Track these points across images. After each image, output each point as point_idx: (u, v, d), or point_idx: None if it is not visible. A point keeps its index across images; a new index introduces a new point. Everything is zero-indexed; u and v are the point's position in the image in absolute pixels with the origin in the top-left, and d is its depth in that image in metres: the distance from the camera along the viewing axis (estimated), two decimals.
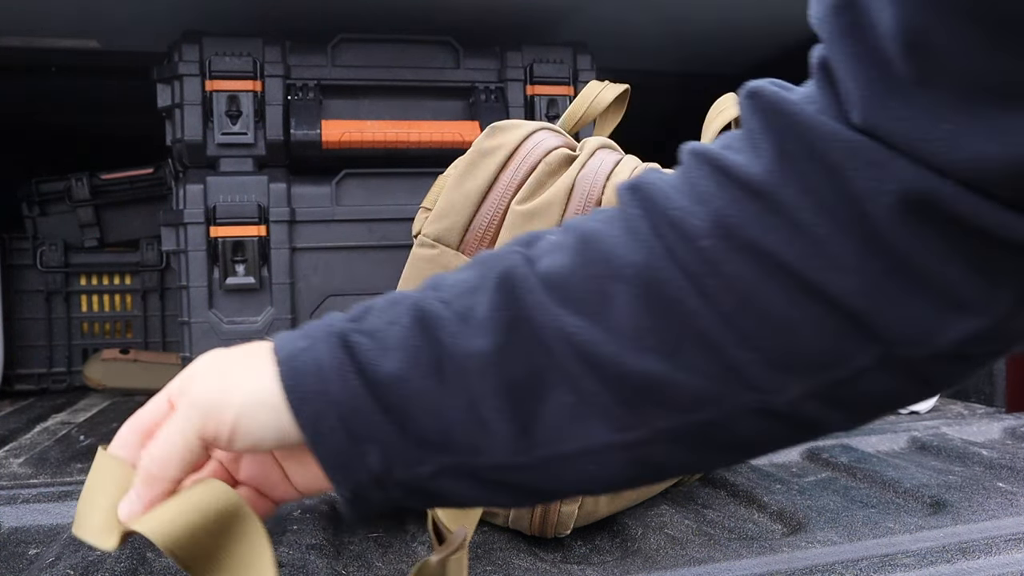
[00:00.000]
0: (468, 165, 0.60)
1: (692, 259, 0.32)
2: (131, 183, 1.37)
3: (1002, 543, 0.59)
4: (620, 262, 0.33)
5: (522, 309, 0.33)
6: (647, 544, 0.61)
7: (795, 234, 0.30)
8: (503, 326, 0.33)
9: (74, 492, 0.73)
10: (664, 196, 0.33)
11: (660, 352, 0.32)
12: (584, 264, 0.33)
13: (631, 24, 1.21)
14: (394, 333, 0.34)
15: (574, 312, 0.33)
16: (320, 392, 0.34)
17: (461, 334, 0.34)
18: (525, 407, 0.33)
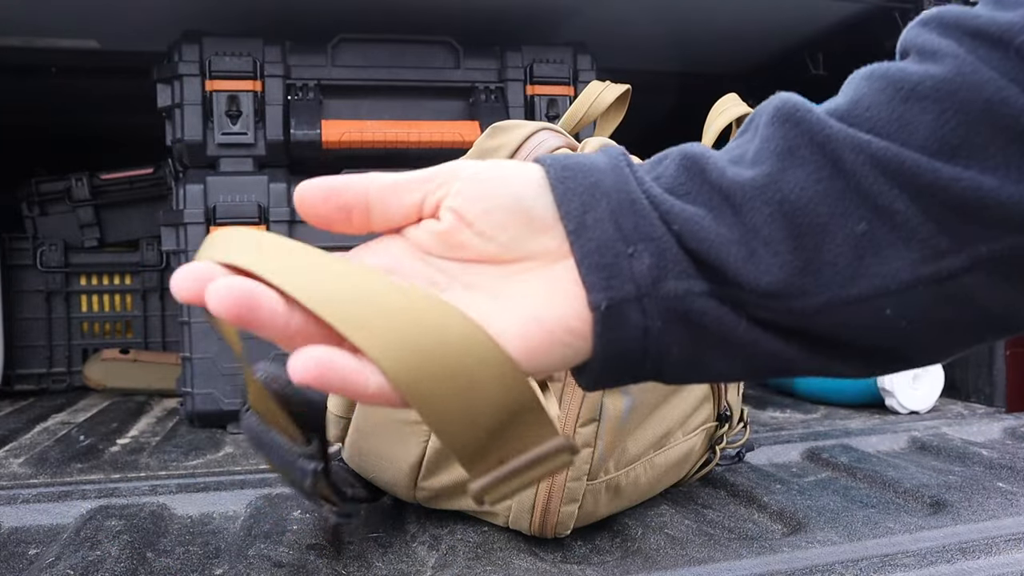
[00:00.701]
0: None
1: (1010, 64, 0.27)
2: (131, 183, 1.37)
3: (1002, 543, 0.59)
4: (915, 78, 0.29)
5: (802, 133, 0.29)
6: (647, 544, 0.61)
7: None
8: (780, 152, 0.30)
9: (74, 492, 0.73)
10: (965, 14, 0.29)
11: (984, 166, 0.28)
12: (871, 92, 0.29)
13: (631, 24, 1.21)
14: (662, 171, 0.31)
15: (869, 133, 0.29)
16: (592, 185, 0.30)
17: (730, 169, 0.30)
18: (807, 239, 0.29)
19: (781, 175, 0.29)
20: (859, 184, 0.29)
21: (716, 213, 0.30)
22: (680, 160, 0.31)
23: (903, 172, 0.28)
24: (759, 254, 0.29)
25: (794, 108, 0.30)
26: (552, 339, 0.30)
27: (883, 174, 0.28)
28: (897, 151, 0.28)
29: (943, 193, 0.28)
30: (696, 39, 1.30)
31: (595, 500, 0.62)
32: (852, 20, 1.19)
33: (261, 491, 0.74)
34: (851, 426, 0.99)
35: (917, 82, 0.28)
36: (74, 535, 0.63)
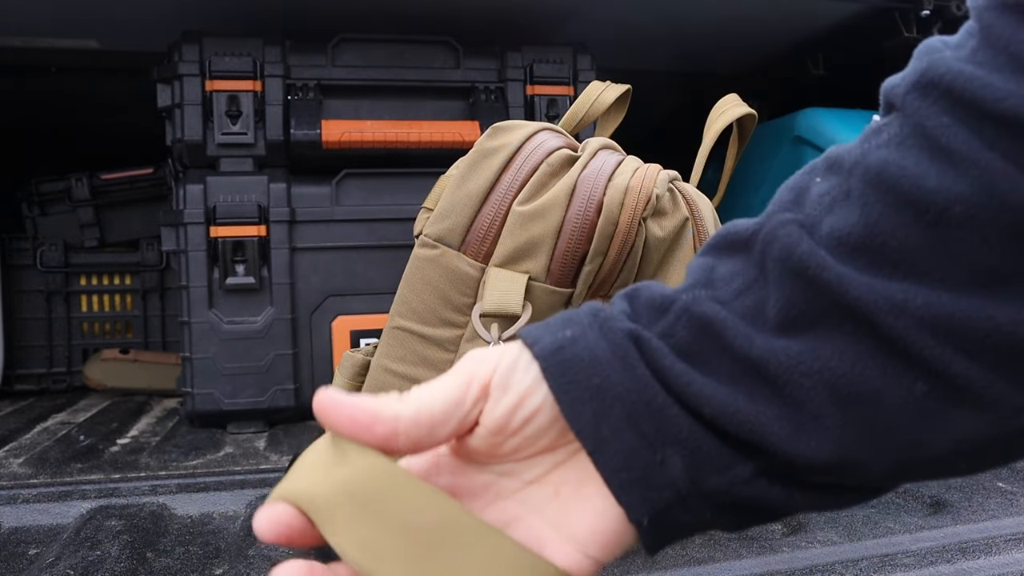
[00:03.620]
0: (470, 165, 0.60)
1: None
2: (131, 183, 1.37)
3: (1002, 543, 0.59)
4: (939, 199, 0.24)
5: (822, 294, 0.25)
6: None
7: None
8: (807, 320, 0.26)
9: (74, 492, 0.73)
10: (982, 85, 0.24)
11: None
12: (887, 214, 0.25)
13: (631, 24, 1.21)
14: (674, 344, 0.27)
15: (893, 276, 0.25)
16: (598, 388, 0.27)
17: (755, 336, 0.26)
18: (858, 412, 0.25)
19: (816, 344, 0.26)
20: (907, 349, 0.24)
21: (748, 389, 0.26)
22: (689, 319, 0.27)
23: (954, 329, 0.24)
24: (807, 428, 0.26)
25: (804, 259, 0.26)
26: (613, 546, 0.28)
27: (932, 336, 0.24)
28: (941, 305, 0.24)
29: (1006, 342, 0.23)
30: (696, 39, 1.30)
31: None
32: (852, 20, 1.19)
33: (261, 491, 0.74)
34: None
35: (944, 205, 0.24)
36: (74, 535, 0.63)
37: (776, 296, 0.26)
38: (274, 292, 1.01)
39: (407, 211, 1.01)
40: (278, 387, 1.01)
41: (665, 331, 0.28)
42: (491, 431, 0.28)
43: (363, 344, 1.04)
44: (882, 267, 0.25)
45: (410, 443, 0.27)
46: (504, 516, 0.29)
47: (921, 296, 0.24)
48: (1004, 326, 0.23)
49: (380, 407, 0.27)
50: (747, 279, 0.28)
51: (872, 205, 0.25)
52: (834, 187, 0.27)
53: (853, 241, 0.25)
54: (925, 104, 0.25)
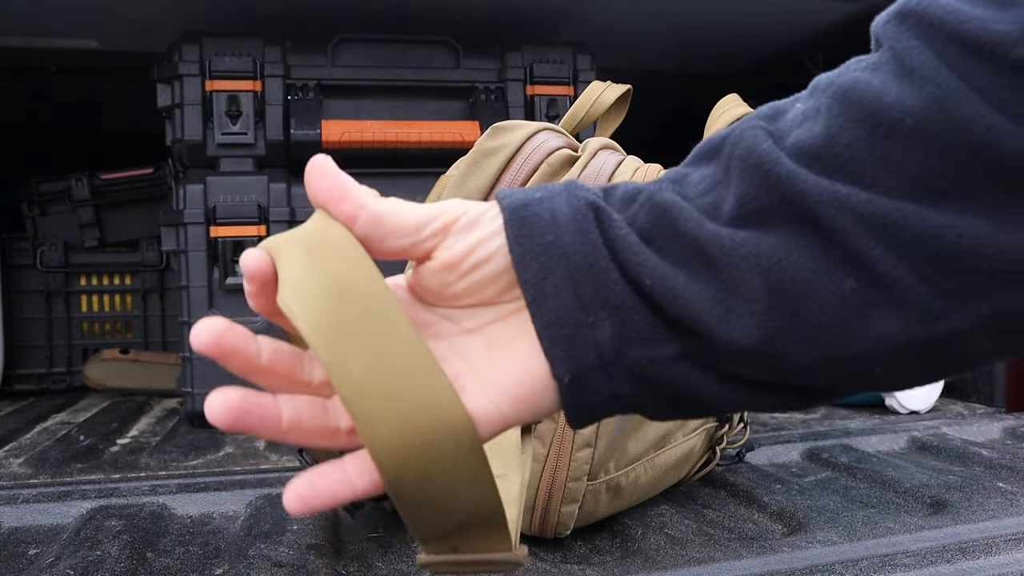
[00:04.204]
0: (470, 165, 0.60)
1: (999, 83, 0.24)
2: (131, 183, 1.37)
3: (1002, 543, 0.59)
4: (896, 112, 0.25)
5: (774, 188, 0.27)
6: (647, 544, 0.61)
7: None
8: (756, 210, 0.27)
9: (74, 492, 0.73)
10: (951, 11, 0.25)
11: (975, 210, 0.25)
12: (847, 126, 0.26)
13: (631, 24, 1.21)
14: (634, 213, 0.29)
15: (844, 181, 0.26)
16: (549, 245, 0.28)
17: (704, 223, 0.28)
18: (787, 298, 0.27)
19: (760, 234, 0.27)
20: (843, 243, 0.26)
21: (690, 269, 0.28)
22: (651, 206, 0.29)
23: (888, 226, 0.25)
24: (736, 311, 0.27)
25: (762, 156, 0.27)
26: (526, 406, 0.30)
27: (867, 231, 0.26)
28: (880, 203, 0.25)
29: (934, 245, 0.25)
30: (696, 39, 1.30)
31: (595, 500, 0.62)
32: (852, 20, 1.19)
33: (261, 491, 0.74)
34: (851, 426, 0.99)
35: (897, 118, 0.25)
36: (74, 535, 0.63)
37: (734, 191, 0.28)
38: None
39: None
40: None
41: (629, 216, 0.29)
42: (444, 265, 0.30)
43: None
44: (833, 173, 0.26)
45: (362, 236, 0.29)
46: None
47: (865, 197, 0.26)
48: (935, 228, 0.25)
49: (356, 191, 0.29)
50: (713, 181, 0.29)
51: (835, 118, 0.27)
52: (807, 107, 0.28)
53: (812, 150, 0.27)
54: (900, 30, 0.26)
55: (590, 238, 0.28)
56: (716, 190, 0.29)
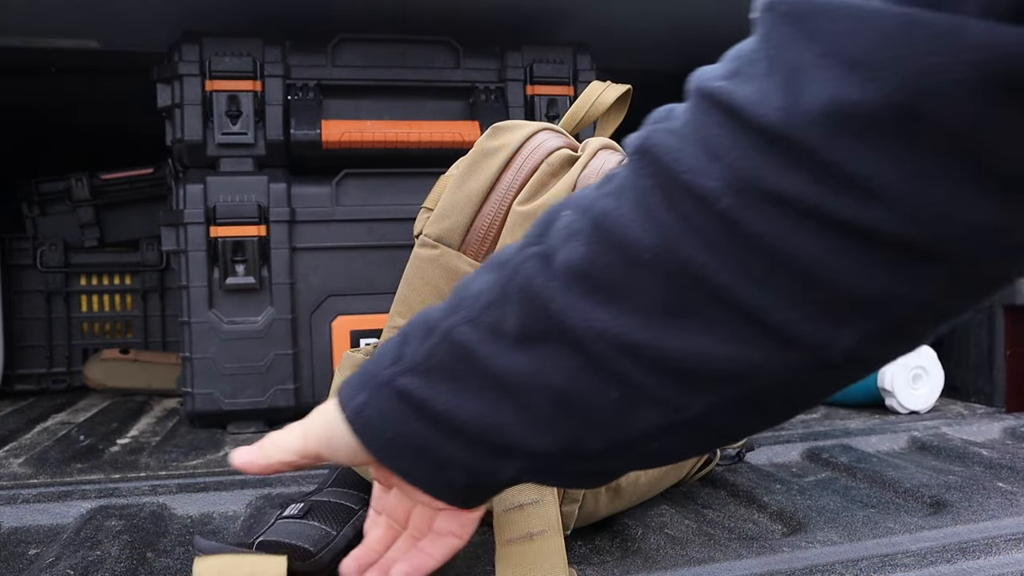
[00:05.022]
0: (470, 165, 0.60)
1: (712, 227, 0.29)
2: (131, 183, 1.37)
3: (1002, 543, 0.59)
4: (638, 247, 0.31)
5: (551, 319, 0.33)
6: (647, 544, 0.61)
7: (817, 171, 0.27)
8: (536, 340, 0.34)
9: (74, 492, 0.73)
10: (674, 159, 0.30)
11: (697, 330, 0.30)
12: (602, 252, 0.32)
13: (631, 24, 1.21)
14: (436, 365, 0.37)
15: (602, 303, 0.32)
16: (392, 438, 0.38)
17: (497, 355, 0.35)
18: (574, 413, 0.34)
19: (542, 360, 0.34)
20: (605, 365, 0.33)
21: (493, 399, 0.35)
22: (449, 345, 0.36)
23: (637, 350, 0.32)
24: (540, 428, 0.35)
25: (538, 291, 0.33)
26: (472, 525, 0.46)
27: (622, 354, 0.32)
28: (626, 331, 0.32)
29: (671, 362, 0.31)
30: (696, 39, 1.30)
31: (595, 500, 0.62)
32: None
33: (261, 491, 0.74)
34: (851, 426, 0.99)
35: (639, 252, 0.31)
36: (74, 535, 0.63)
37: (515, 315, 0.34)
38: (274, 292, 1.01)
39: (407, 211, 1.01)
40: (278, 387, 1.01)
41: (430, 351, 0.37)
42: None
43: (363, 344, 1.03)
44: (597, 293, 0.32)
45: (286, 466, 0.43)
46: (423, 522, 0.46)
47: (618, 325, 0.32)
48: (668, 348, 0.31)
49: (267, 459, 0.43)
50: (492, 297, 0.35)
51: (594, 243, 0.32)
52: (572, 222, 0.34)
53: (578, 272, 0.32)
54: (640, 166, 0.32)
55: (413, 427, 0.37)
56: (497, 308, 0.35)
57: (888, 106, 0.25)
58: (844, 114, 0.26)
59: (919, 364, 1.06)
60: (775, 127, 0.27)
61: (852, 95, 0.26)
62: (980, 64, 0.24)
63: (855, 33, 0.26)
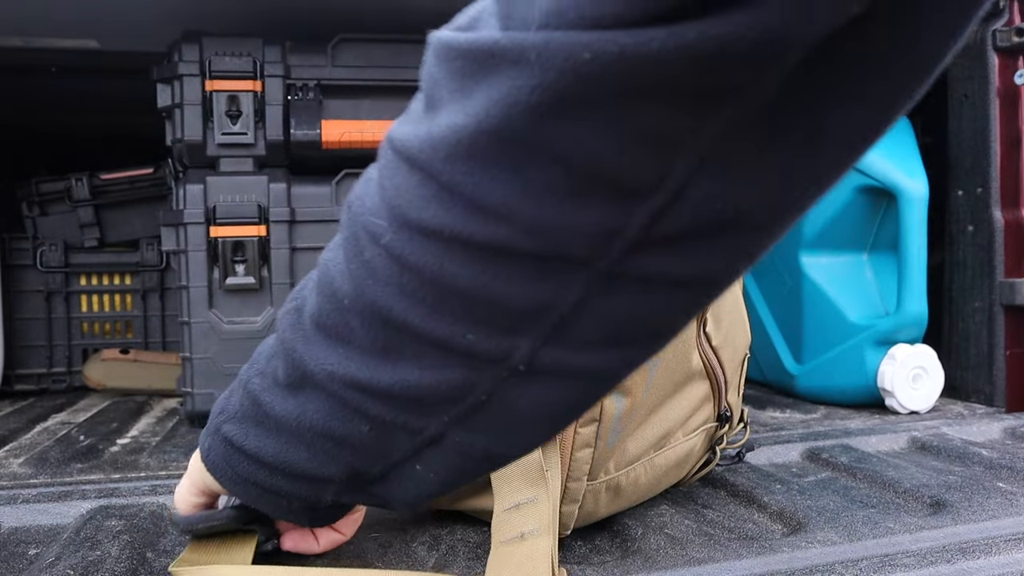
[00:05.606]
0: None
1: (384, 265, 0.32)
2: (131, 183, 1.37)
3: (1002, 543, 0.59)
4: (341, 294, 0.35)
5: (297, 367, 0.38)
6: (647, 544, 0.61)
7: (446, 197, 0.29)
8: (294, 386, 0.39)
9: (74, 492, 0.73)
10: (360, 203, 0.34)
11: (406, 364, 0.34)
12: (324, 301, 0.36)
13: None
14: (243, 413, 0.43)
15: (333, 347, 0.36)
16: (231, 476, 0.46)
17: (275, 402, 0.40)
18: (344, 447, 0.39)
19: (305, 403, 0.39)
20: (345, 402, 0.37)
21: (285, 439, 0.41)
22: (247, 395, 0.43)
23: (363, 386, 0.35)
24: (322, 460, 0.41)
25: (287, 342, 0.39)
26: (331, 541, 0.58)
27: (353, 390, 0.36)
28: (352, 370, 0.35)
29: (393, 392, 0.35)
30: None
31: (595, 500, 0.62)
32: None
33: None
34: (851, 426, 0.99)
35: (342, 298, 0.35)
36: (74, 535, 0.63)
37: (281, 367, 0.40)
38: (274, 292, 1.01)
39: None
40: None
41: (240, 402, 0.44)
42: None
43: None
44: (330, 339, 0.36)
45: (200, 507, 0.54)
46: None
47: (344, 367, 0.36)
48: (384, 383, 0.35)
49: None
50: (272, 351, 0.42)
51: (320, 294, 0.37)
52: (313, 275, 0.39)
53: (315, 320, 0.37)
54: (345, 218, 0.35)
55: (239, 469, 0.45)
56: (274, 360, 0.41)
57: (485, 130, 0.27)
58: (458, 139, 0.28)
59: (919, 364, 1.06)
60: (417, 156, 0.30)
61: (459, 120, 0.28)
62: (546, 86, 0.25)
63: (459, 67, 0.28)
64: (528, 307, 0.30)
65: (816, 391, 1.16)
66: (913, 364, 1.06)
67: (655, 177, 0.27)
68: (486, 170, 0.28)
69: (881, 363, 1.08)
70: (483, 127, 0.27)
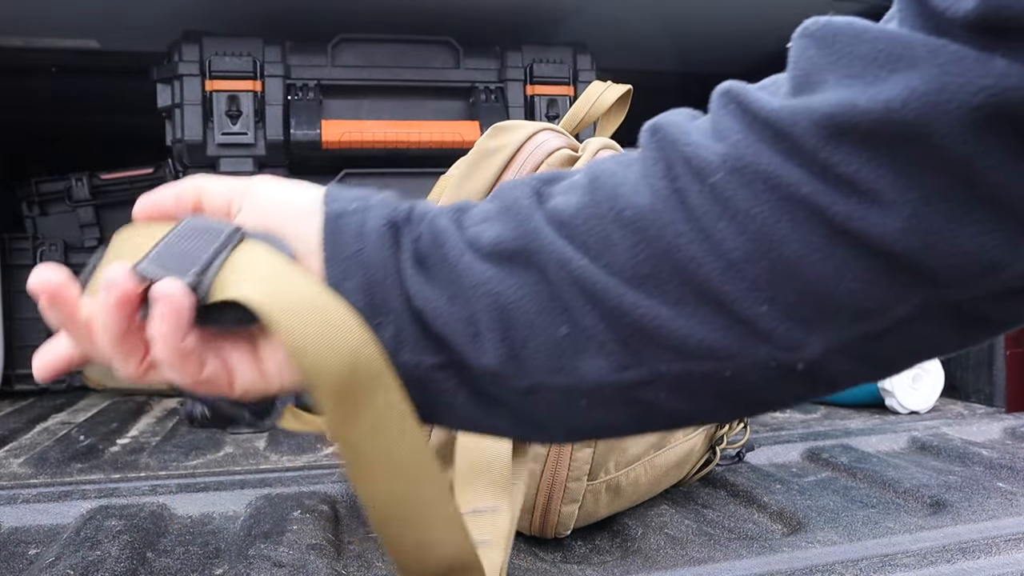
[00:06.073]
0: (470, 165, 0.60)
1: (701, 199, 0.29)
2: (131, 183, 1.37)
3: (1002, 543, 0.59)
4: (622, 203, 0.31)
5: (523, 237, 0.33)
6: (647, 544, 0.61)
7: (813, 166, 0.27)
8: (506, 252, 0.33)
9: (74, 492, 0.73)
10: (682, 133, 0.31)
11: (664, 298, 0.30)
12: (590, 204, 0.32)
13: (631, 24, 1.21)
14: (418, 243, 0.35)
15: (578, 248, 0.32)
16: (355, 254, 0.34)
17: (464, 257, 0.34)
18: (517, 332, 0.33)
19: (502, 273, 0.33)
20: (560, 297, 0.32)
21: (449, 293, 0.34)
22: (430, 229, 0.35)
23: (595, 293, 0.31)
24: (482, 337, 0.33)
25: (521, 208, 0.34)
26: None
27: (579, 293, 0.32)
28: (593, 272, 0.31)
29: (627, 317, 0.31)
30: (696, 39, 1.30)
31: (595, 500, 0.62)
32: None
33: (261, 491, 0.74)
34: (851, 426, 0.99)
35: (623, 207, 0.31)
36: (74, 535, 0.63)
37: (496, 230, 0.34)
38: None
39: None
40: None
41: (416, 234, 0.35)
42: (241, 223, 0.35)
43: None
44: (575, 240, 0.32)
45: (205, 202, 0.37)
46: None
47: (582, 265, 0.32)
48: (626, 305, 0.31)
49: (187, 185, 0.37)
50: (486, 216, 0.35)
51: (587, 196, 0.33)
52: (576, 179, 0.35)
53: (563, 217, 0.33)
54: (650, 140, 0.33)
55: (384, 255, 0.34)
56: (485, 224, 0.35)
57: (895, 120, 0.26)
58: (850, 119, 0.27)
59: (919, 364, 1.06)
60: (783, 121, 0.28)
61: (861, 103, 0.26)
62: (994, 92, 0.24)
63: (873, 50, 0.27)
64: (849, 304, 0.28)
65: None
66: None
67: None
68: (880, 157, 0.26)
69: None
70: (897, 116, 0.26)
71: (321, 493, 0.74)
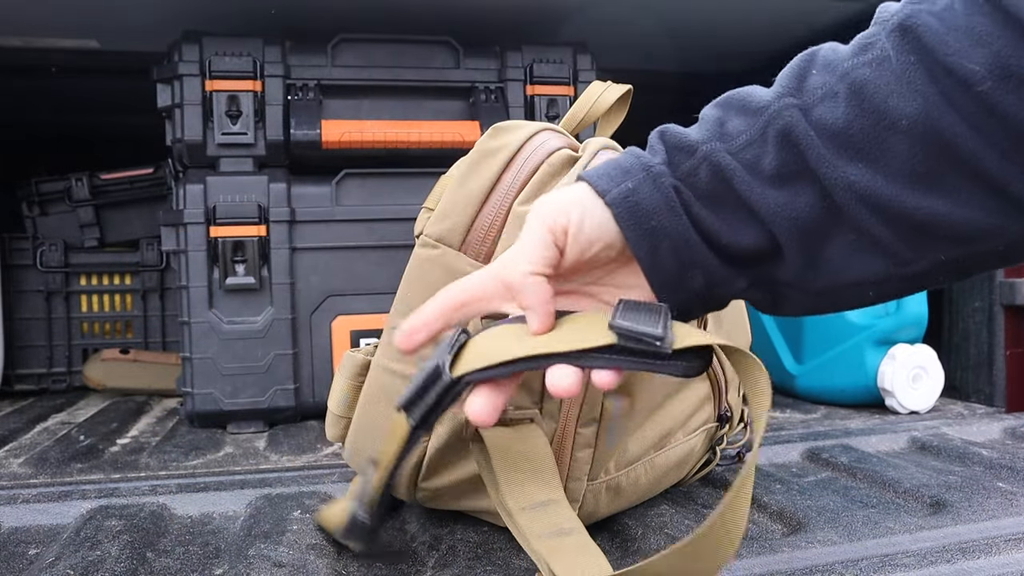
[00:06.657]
0: (471, 165, 0.60)
1: (970, 104, 0.33)
2: (131, 183, 1.37)
3: (1002, 543, 0.59)
4: (896, 114, 0.35)
5: (806, 164, 0.38)
6: (647, 544, 0.61)
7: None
8: (790, 179, 0.38)
9: (74, 492, 0.73)
10: (940, 41, 0.34)
11: (940, 193, 0.35)
12: (860, 115, 0.36)
13: (631, 24, 1.21)
14: (699, 182, 0.41)
15: (854, 159, 0.37)
16: (655, 228, 0.40)
17: (755, 186, 0.39)
18: (812, 245, 0.39)
19: (793, 198, 0.39)
20: (847, 212, 0.38)
21: (746, 223, 0.40)
22: (710, 168, 0.40)
23: (880, 205, 0.37)
24: (781, 255, 0.40)
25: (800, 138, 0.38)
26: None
27: (864, 207, 0.37)
28: (876, 188, 0.36)
29: (909, 219, 0.36)
30: (696, 39, 1.30)
31: (595, 500, 0.62)
32: (852, 20, 1.19)
33: (261, 491, 0.74)
34: (851, 426, 0.99)
35: (897, 119, 0.35)
36: (74, 535, 0.63)
37: (773, 155, 0.39)
38: (274, 292, 1.01)
39: (407, 211, 1.01)
40: (278, 387, 1.01)
41: (691, 171, 0.41)
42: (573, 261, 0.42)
43: (363, 344, 1.04)
44: (850, 151, 0.37)
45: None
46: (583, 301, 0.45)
47: (865, 180, 0.36)
48: (908, 208, 0.36)
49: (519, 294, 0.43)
50: (751, 137, 0.40)
51: (851, 107, 0.37)
52: (827, 83, 0.38)
53: (834, 130, 0.37)
54: (902, 43, 0.36)
55: (681, 220, 0.40)
56: (755, 147, 0.40)
57: None
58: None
59: (919, 364, 1.06)
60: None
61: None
62: None
63: None
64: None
65: (816, 391, 1.16)
66: (913, 364, 1.06)
67: None
68: None
69: (881, 363, 1.08)
70: None
71: (321, 493, 0.74)
